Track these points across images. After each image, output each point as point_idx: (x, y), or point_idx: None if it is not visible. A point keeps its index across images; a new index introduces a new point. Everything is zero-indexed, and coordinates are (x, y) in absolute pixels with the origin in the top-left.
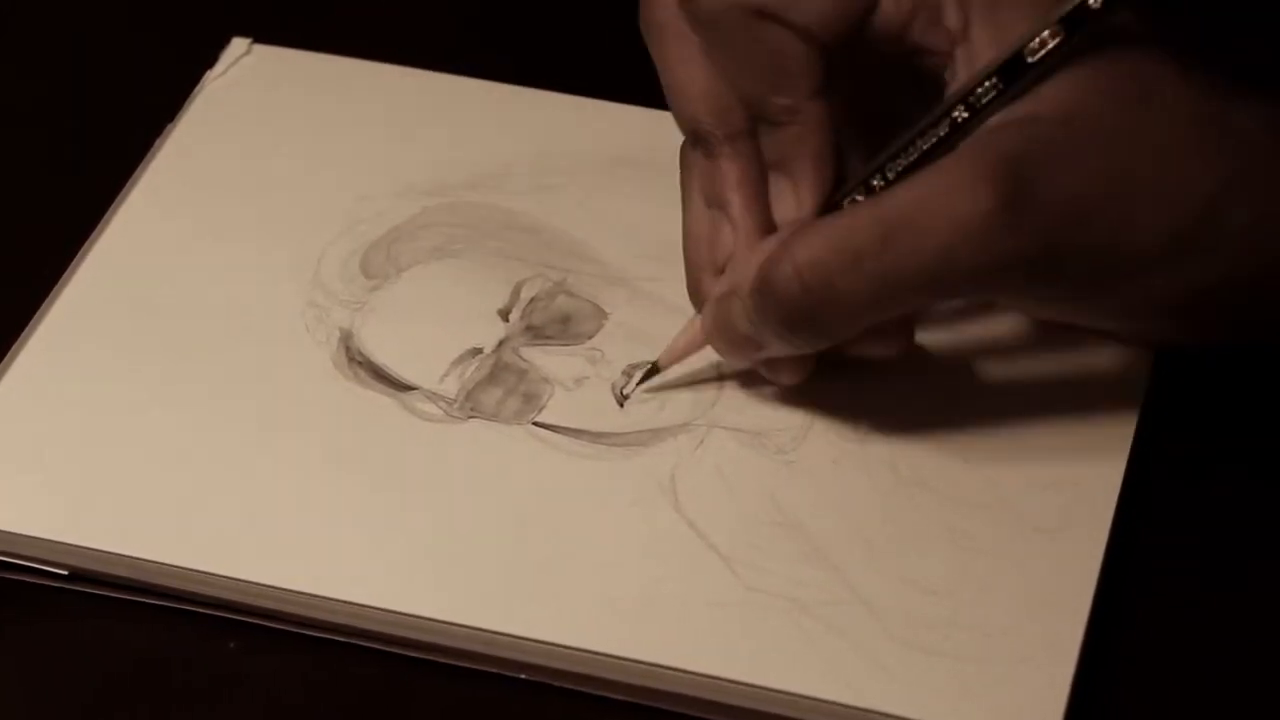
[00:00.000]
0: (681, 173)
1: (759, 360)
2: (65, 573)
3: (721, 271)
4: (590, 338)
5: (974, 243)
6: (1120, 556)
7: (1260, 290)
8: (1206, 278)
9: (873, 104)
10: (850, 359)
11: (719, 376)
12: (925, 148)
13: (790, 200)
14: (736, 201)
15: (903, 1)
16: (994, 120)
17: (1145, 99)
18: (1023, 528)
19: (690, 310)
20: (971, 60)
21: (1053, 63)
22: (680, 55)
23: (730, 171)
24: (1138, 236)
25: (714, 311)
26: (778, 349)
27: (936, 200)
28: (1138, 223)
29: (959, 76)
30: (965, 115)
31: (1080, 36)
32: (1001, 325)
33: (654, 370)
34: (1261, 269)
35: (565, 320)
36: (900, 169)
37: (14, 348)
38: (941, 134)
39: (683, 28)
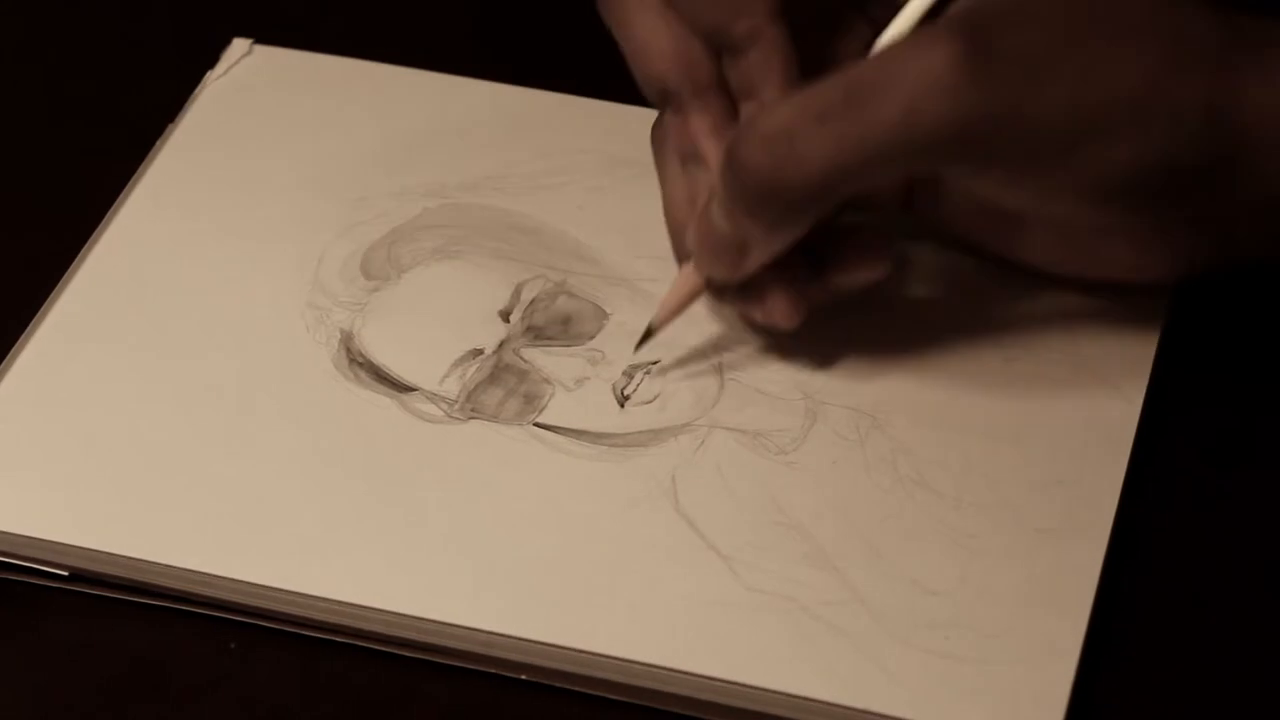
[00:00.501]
0: (655, 152)
1: (752, 310)
2: (66, 573)
3: None
4: (591, 338)
5: (937, 95)
6: (1121, 556)
7: (1213, 185)
8: (1156, 155)
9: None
10: (840, 295)
11: (719, 377)
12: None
13: None
14: (712, 148)
15: None
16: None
17: None
18: (1023, 527)
19: None
20: None
21: None
22: (640, 17)
23: (702, 123)
24: (1091, 98)
25: (696, 226)
26: (757, 245)
27: (900, 59)
28: (1091, 84)
29: None
30: None
31: None
32: (1004, 325)
33: (649, 334)
34: (1211, 159)
35: (566, 321)
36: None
37: (15, 348)
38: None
39: None
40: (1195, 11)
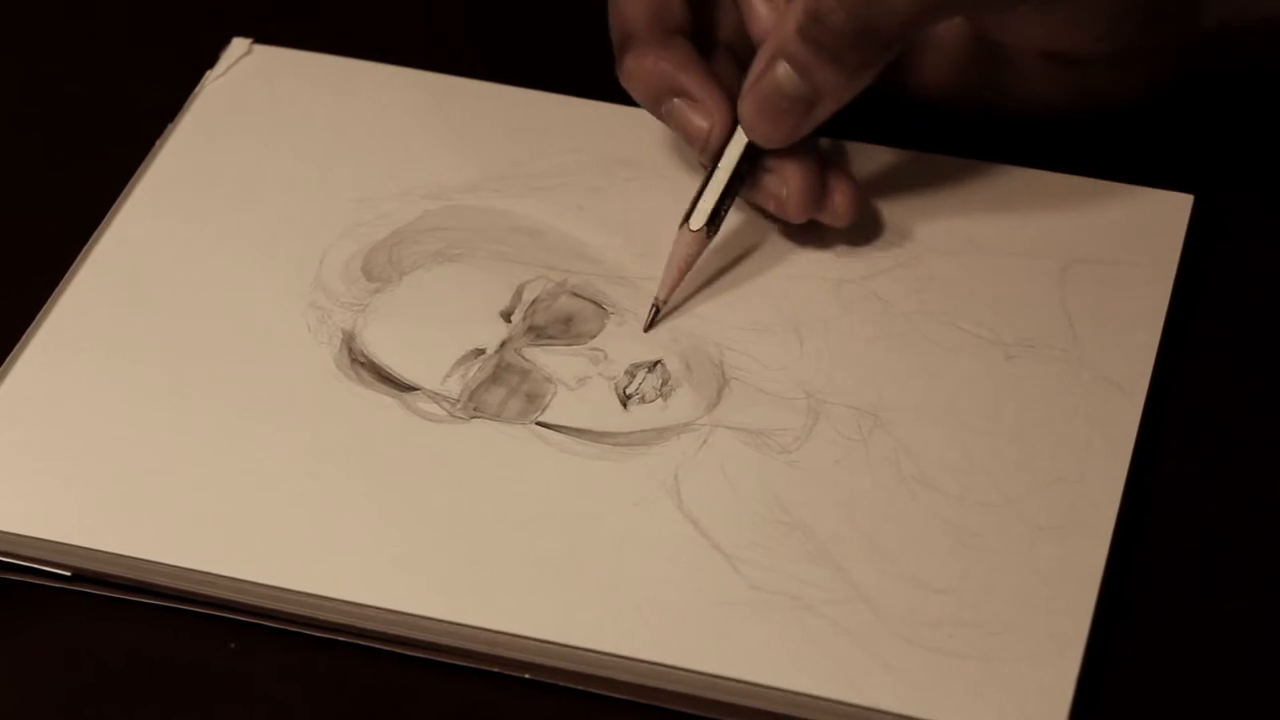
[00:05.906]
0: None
1: (766, 197)
2: (68, 573)
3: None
4: (592, 337)
5: None
6: (1124, 554)
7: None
8: None
9: None
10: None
11: (722, 376)
12: None
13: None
14: (765, 12)
15: None
16: None
17: None
18: (1026, 525)
19: None
20: None
21: None
22: None
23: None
24: None
25: (756, 88)
26: (829, 97)
27: None
28: None
29: None
30: None
31: None
32: (1005, 324)
33: (656, 310)
34: None
35: (567, 320)
36: None
37: (16, 348)
38: None
39: None
40: None
